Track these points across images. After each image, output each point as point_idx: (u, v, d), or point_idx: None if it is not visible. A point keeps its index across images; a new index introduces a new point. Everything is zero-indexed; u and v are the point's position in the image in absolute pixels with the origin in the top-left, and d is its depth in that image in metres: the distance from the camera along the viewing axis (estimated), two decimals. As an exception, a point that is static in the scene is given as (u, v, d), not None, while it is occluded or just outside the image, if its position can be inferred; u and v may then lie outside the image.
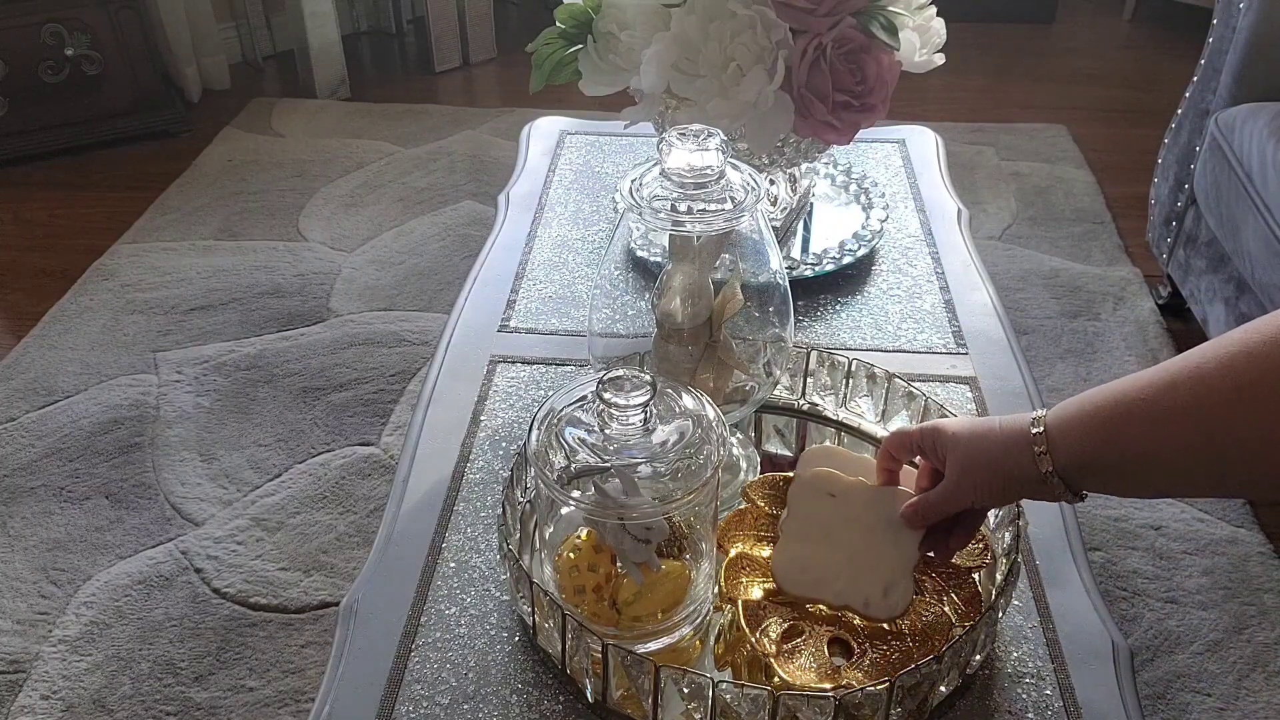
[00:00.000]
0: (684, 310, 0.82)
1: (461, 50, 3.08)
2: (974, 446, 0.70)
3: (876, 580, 0.74)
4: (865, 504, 0.77)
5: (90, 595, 1.47)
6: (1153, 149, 2.02)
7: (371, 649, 0.78)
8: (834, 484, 0.79)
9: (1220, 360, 0.59)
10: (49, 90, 2.50)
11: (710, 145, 0.76)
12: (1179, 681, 1.34)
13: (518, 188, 1.37)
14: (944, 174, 1.39)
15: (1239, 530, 1.54)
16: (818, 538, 0.76)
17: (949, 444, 0.71)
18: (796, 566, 0.75)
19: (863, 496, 0.78)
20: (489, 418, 1.00)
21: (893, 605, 0.73)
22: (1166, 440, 0.61)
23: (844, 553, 0.75)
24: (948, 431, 0.72)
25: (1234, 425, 0.58)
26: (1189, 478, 0.62)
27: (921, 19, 1.08)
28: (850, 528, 0.76)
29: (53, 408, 1.80)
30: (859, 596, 0.73)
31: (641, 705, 0.70)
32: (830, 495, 0.78)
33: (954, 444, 0.71)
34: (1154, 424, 0.61)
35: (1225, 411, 0.58)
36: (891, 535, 0.75)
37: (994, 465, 0.69)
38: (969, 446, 0.70)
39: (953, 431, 0.71)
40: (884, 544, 0.75)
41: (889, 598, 0.73)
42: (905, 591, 0.73)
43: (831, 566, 0.75)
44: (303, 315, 2.02)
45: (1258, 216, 1.56)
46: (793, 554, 0.76)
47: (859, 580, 0.74)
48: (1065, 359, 1.88)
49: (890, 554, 0.74)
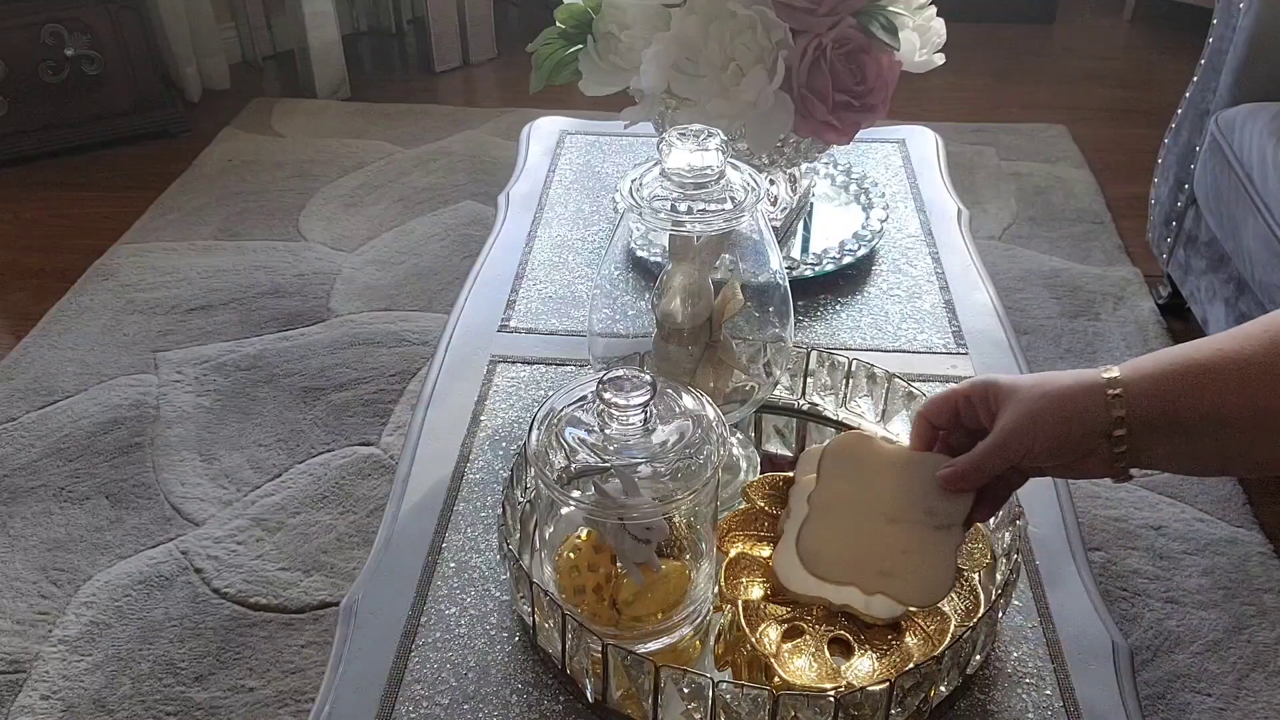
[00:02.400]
0: (684, 310, 0.82)
1: (461, 50, 3.08)
2: (1038, 392, 0.64)
3: (916, 563, 0.69)
4: (905, 475, 0.71)
5: (90, 595, 1.47)
6: (1153, 149, 2.02)
7: (371, 649, 0.78)
8: (868, 453, 0.73)
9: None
10: (49, 90, 2.50)
11: (710, 145, 0.76)
12: (1179, 681, 1.34)
13: (518, 188, 1.37)
14: (944, 174, 1.39)
15: (1239, 530, 1.54)
16: (849, 514, 0.71)
17: (1006, 393, 0.66)
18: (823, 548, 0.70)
19: (902, 466, 0.72)
20: (489, 418, 1.00)
21: (934, 591, 0.68)
22: (1246, 398, 0.58)
23: (879, 533, 0.70)
24: (1004, 382, 0.67)
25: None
26: (1258, 444, 0.59)
27: (921, 19, 1.08)
28: (887, 503, 0.71)
29: (53, 408, 1.80)
30: (895, 582, 0.69)
31: (641, 705, 0.70)
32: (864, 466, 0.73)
33: (1012, 393, 0.65)
34: (1237, 380, 0.58)
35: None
36: (935, 512, 0.70)
37: (1061, 413, 0.63)
38: (1030, 393, 0.65)
39: (1010, 382, 0.66)
40: (925, 522, 0.70)
41: (930, 583, 0.68)
42: (948, 577, 0.68)
43: (864, 547, 0.70)
44: (303, 315, 2.02)
45: (1258, 216, 1.56)
46: (818, 534, 0.71)
47: (896, 563, 0.69)
48: (1065, 359, 1.88)
49: (931, 534, 0.69)
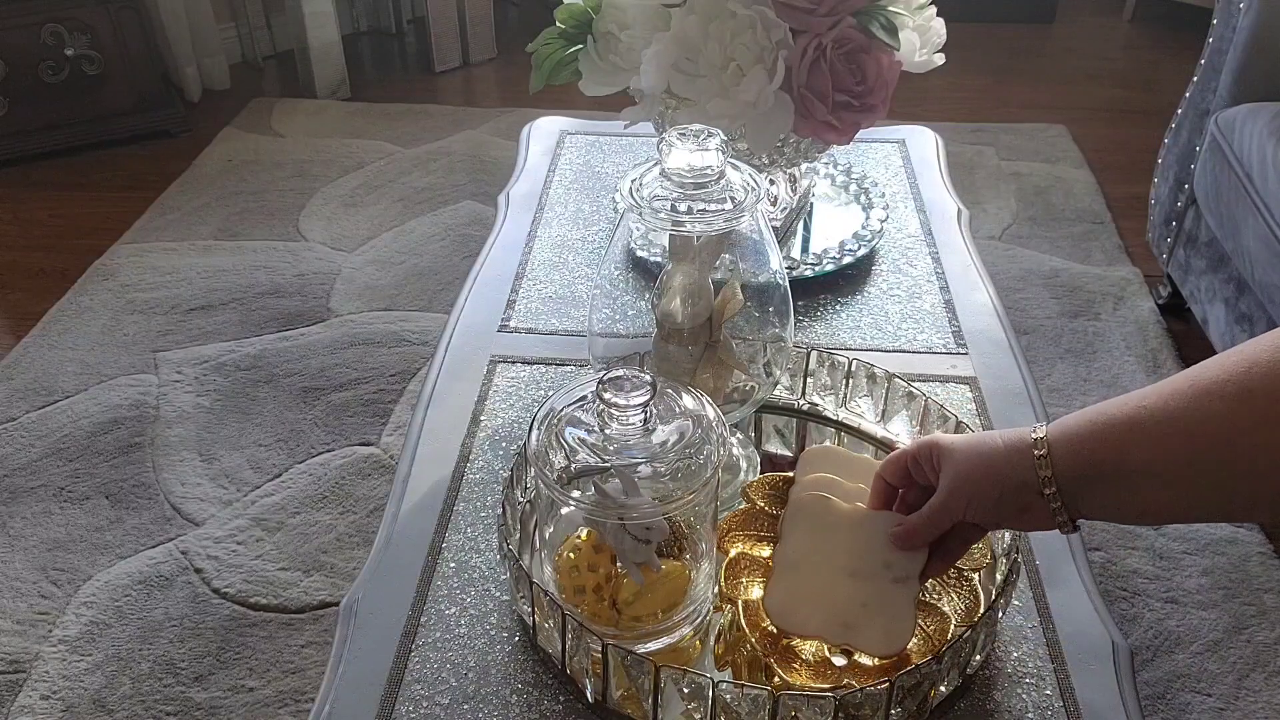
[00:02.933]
0: (684, 310, 0.82)
1: (461, 50, 3.08)
2: (971, 453, 0.68)
3: (876, 615, 0.71)
4: (863, 532, 0.75)
5: (90, 595, 1.47)
6: (1153, 149, 2.02)
7: (371, 649, 0.78)
8: (828, 513, 0.76)
9: (1226, 370, 0.57)
10: (49, 90, 2.50)
11: (710, 145, 0.76)
12: (1179, 681, 1.34)
13: (518, 188, 1.37)
14: (944, 174, 1.39)
15: (1239, 530, 1.54)
16: (812, 570, 0.74)
17: (945, 454, 0.70)
18: (791, 602, 0.72)
19: (860, 524, 0.75)
20: (489, 418, 1.00)
21: (894, 641, 0.70)
22: (1169, 452, 0.59)
23: (841, 587, 0.73)
24: (944, 443, 0.70)
25: (1238, 438, 0.56)
26: (1193, 496, 0.60)
27: (921, 19, 1.08)
28: (847, 559, 0.74)
29: (53, 408, 1.80)
30: (858, 633, 0.71)
31: (641, 705, 0.70)
32: (825, 524, 0.76)
33: (950, 454, 0.69)
34: (1157, 434, 0.59)
35: (1229, 424, 0.56)
36: (892, 566, 0.73)
37: (992, 472, 0.67)
38: (966, 453, 0.69)
39: (949, 443, 0.70)
40: (883, 576, 0.73)
41: (890, 633, 0.71)
42: (907, 626, 0.71)
43: (828, 601, 0.72)
44: (303, 315, 2.02)
45: (1258, 216, 1.56)
46: (786, 589, 0.73)
47: (858, 615, 0.71)
48: (1065, 359, 1.88)
49: (890, 587, 0.72)
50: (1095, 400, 1.77)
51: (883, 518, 0.75)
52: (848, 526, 0.75)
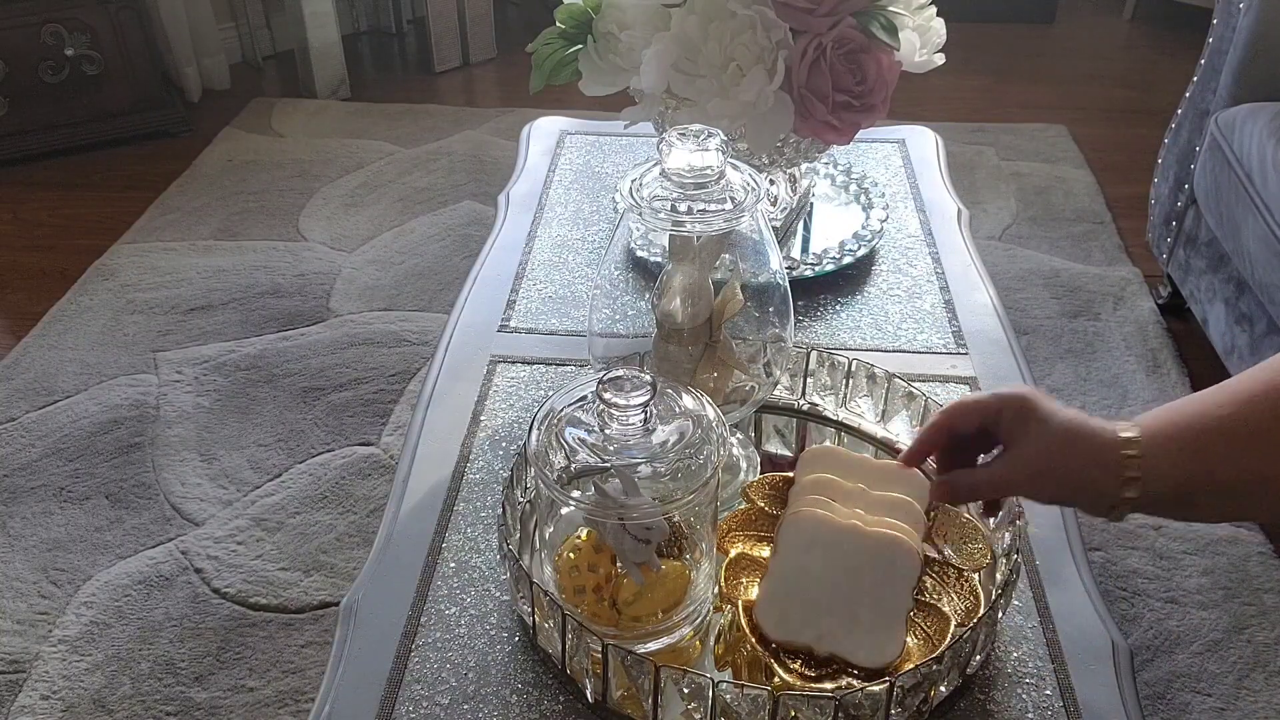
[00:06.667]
0: (684, 310, 0.82)
1: (461, 50, 3.08)
2: (1065, 438, 0.63)
3: (867, 627, 0.71)
4: (858, 547, 0.74)
5: (90, 595, 1.47)
6: (1153, 149, 2.02)
7: (371, 649, 0.78)
8: (823, 525, 0.76)
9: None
10: (49, 90, 2.50)
11: (710, 145, 0.76)
12: (1179, 681, 1.34)
13: (518, 188, 1.37)
14: (944, 174, 1.39)
15: (1239, 530, 1.54)
16: (805, 581, 0.73)
17: (1038, 423, 0.64)
18: (779, 612, 0.72)
19: (855, 540, 0.74)
20: (489, 418, 1.00)
21: (883, 654, 0.70)
22: (1249, 471, 0.58)
23: (833, 598, 0.72)
24: (1039, 410, 0.64)
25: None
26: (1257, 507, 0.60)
27: (921, 19, 1.08)
28: (841, 571, 0.73)
29: (53, 408, 1.80)
30: (847, 645, 0.71)
31: (641, 705, 0.70)
32: (820, 536, 0.75)
33: (1044, 425, 0.63)
34: (1243, 449, 0.58)
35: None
36: (884, 580, 0.72)
37: (1076, 468, 0.63)
38: (1061, 436, 0.63)
39: (1045, 412, 0.64)
40: (875, 588, 0.72)
41: (880, 646, 0.71)
42: (897, 640, 0.71)
43: (818, 612, 0.72)
44: (303, 315, 2.02)
45: (1258, 216, 1.56)
46: (777, 598, 0.73)
47: (848, 627, 0.71)
48: (1065, 359, 1.88)
49: (881, 600, 0.72)
50: (1095, 400, 1.78)
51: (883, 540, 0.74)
52: (843, 538, 0.75)
